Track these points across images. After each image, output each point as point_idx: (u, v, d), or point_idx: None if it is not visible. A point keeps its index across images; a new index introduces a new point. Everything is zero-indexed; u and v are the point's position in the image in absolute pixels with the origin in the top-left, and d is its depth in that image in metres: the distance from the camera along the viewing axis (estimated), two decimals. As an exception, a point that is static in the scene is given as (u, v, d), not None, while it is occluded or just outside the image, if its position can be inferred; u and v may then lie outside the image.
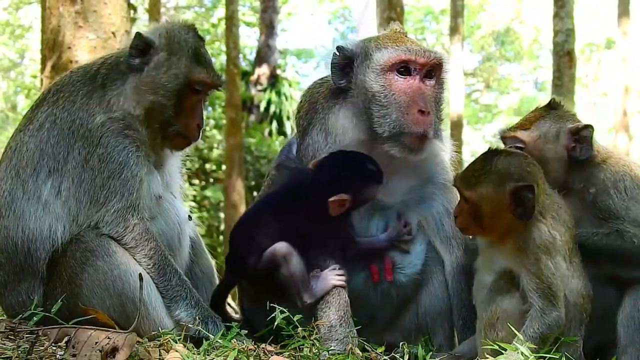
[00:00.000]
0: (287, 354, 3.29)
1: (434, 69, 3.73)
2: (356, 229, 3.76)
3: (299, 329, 3.35)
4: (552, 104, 3.86)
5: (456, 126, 16.28)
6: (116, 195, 3.46)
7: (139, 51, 3.63)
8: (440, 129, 3.91)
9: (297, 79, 25.03)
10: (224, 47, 19.04)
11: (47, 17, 7.28)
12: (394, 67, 3.65)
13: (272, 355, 3.28)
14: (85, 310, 3.17)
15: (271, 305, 3.35)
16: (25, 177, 3.53)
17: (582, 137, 3.71)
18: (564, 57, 12.38)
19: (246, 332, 3.45)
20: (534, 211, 3.28)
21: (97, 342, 2.91)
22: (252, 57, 24.94)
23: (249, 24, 27.04)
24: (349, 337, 3.47)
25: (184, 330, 3.38)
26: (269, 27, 23.30)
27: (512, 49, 33.25)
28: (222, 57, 19.62)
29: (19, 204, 3.51)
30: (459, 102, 16.93)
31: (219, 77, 3.76)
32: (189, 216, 3.91)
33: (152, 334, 3.37)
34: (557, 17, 12.48)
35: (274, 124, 22.35)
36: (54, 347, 3.08)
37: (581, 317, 3.37)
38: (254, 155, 19.77)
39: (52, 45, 7.20)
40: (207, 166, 19.93)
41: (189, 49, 3.67)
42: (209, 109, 19.88)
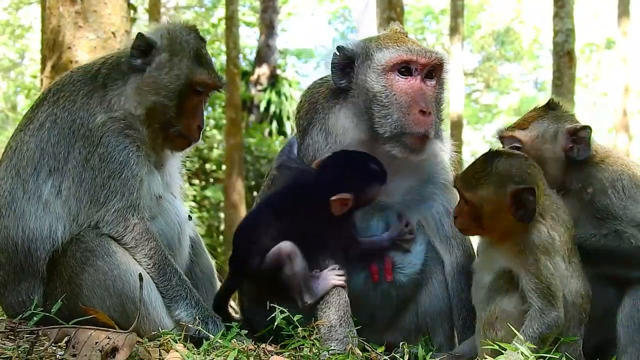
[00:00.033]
0: (287, 354, 3.29)
1: (435, 69, 3.73)
2: (357, 229, 3.75)
3: (299, 329, 3.35)
4: (551, 104, 3.86)
5: (456, 126, 16.29)
6: (116, 194, 3.46)
7: (141, 52, 3.63)
8: (440, 129, 3.91)
9: (297, 79, 25.04)
10: (224, 47, 19.03)
11: (47, 17, 7.28)
12: (395, 67, 3.65)
13: (272, 355, 3.28)
14: (85, 310, 3.17)
15: (271, 305, 3.35)
16: (25, 177, 3.53)
17: (580, 138, 3.71)
18: (564, 57, 12.38)
19: (246, 332, 3.45)
20: (535, 213, 3.28)
21: (97, 342, 2.91)
22: (252, 57, 24.95)
23: (249, 24, 27.04)
24: (349, 337, 3.46)
25: (184, 330, 3.38)
26: (269, 27, 23.30)
27: (512, 49, 33.25)
28: (222, 57, 19.61)
29: (19, 203, 3.50)
30: (459, 102, 16.94)
31: (220, 79, 3.77)
32: (189, 216, 3.91)
33: (152, 334, 3.36)
34: (557, 17, 12.48)
35: (274, 124, 22.35)
36: (54, 347, 3.08)
37: (580, 317, 3.37)
38: (254, 155, 19.77)
39: (52, 45, 7.21)
40: (207, 166, 19.93)
41: (191, 50, 3.67)
42: (209, 109, 19.88)
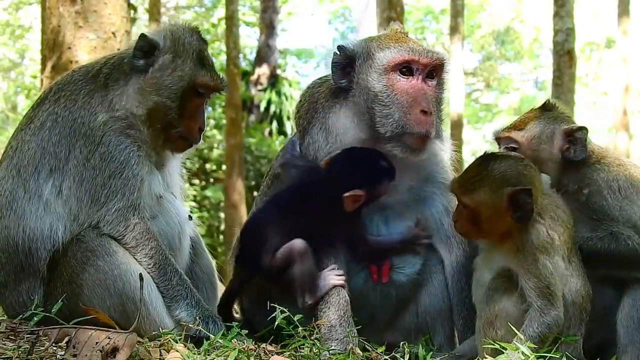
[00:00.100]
0: (288, 353, 3.29)
1: (436, 69, 3.73)
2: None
3: (300, 328, 3.35)
4: (547, 106, 3.86)
5: (456, 126, 16.29)
6: (117, 194, 3.45)
7: (143, 52, 3.63)
8: (440, 129, 3.92)
9: (297, 79, 25.06)
10: (224, 47, 19.06)
11: (47, 17, 7.28)
12: (396, 67, 3.65)
13: (272, 355, 3.28)
14: (85, 310, 3.17)
15: (271, 305, 3.35)
16: (26, 176, 3.53)
17: (576, 139, 3.70)
18: (564, 57, 12.38)
19: (247, 332, 3.45)
20: (532, 214, 3.29)
21: (97, 342, 2.90)
22: (252, 57, 24.96)
23: (249, 24, 27.05)
24: (349, 337, 3.46)
25: (185, 330, 3.38)
26: (269, 27, 23.30)
27: (512, 48, 33.24)
28: (222, 57, 19.64)
29: (19, 203, 3.50)
30: (459, 102, 16.94)
31: (222, 81, 3.78)
32: (190, 216, 3.91)
33: (153, 333, 3.37)
34: (557, 16, 12.49)
35: (274, 124, 22.37)
36: (55, 347, 3.08)
37: (581, 316, 3.37)
38: (254, 155, 19.78)
39: (52, 45, 7.21)
40: (208, 166, 19.94)
41: (194, 52, 3.68)
42: (209, 109, 19.89)
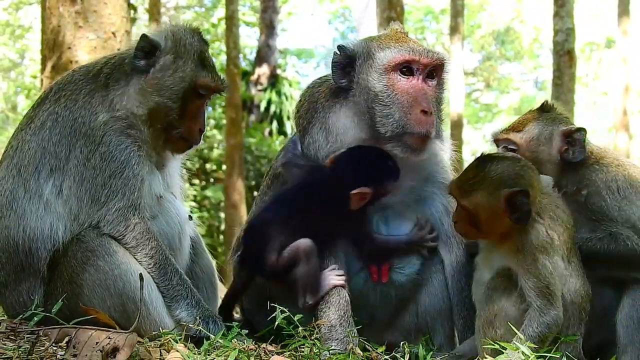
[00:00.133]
0: (288, 353, 3.29)
1: (436, 69, 3.73)
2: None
3: (300, 328, 3.35)
4: (545, 107, 3.86)
5: (456, 126, 16.29)
6: (117, 194, 3.46)
7: (145, 53, 3.63)
8: (441, 129, 3.92)
9: (298, 79, 25.06)
10: (224, 47, 19.06)
11: (47, 17, 7.28)
12: (397, 67, 3.65)
13: (272, 355, 3.28)
14: (85, 310, 3.17)
15: (272, 305, 3.35)
16: (26, 176, 3.53)
17: (575, 140, 3.70)
18: (564, 57, 12.39)
19: (247, 332, 3.45)
20: (531, 215, 3.29)
21: (97, 342, 2.90)
22: (252, 57, 24.96)
23: (249, 24, 27.05)
24: (350, 337, 3.46)
25: (185, 330, 3.38)
26: (269, 27, 23.31)
27: (512, 48, 33.23)
28: (222, 57, 19.64)
29: (20, 203, 3.50)
30: (459, 102, 16.94)
31: (223, 82, 3.78)
32: (190, 216, 3.91)
33: (153, 333, 3.37)
34: (557, 16, 12.49)
35: (274, 124, 22.37)
36: (55, 347, 3.08)
37: (580, 315, 3.37)
38: (254, 155, 19.78)
39: (52, 45, 7.21)
40: (208, 166, 19.95)
41: (195, 53, 3.68)
42: (209, 109, 19.89)
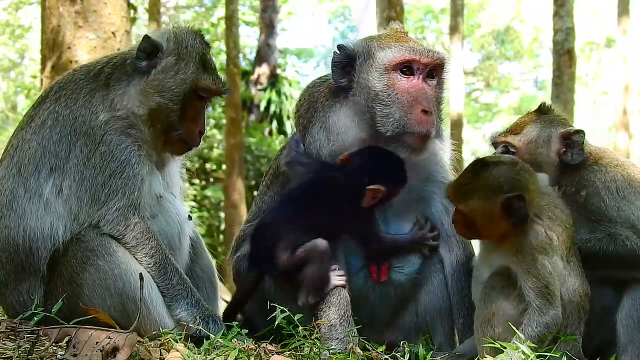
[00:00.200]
0: (288, 353, 3.29)
1: (437, 69, 3.73)
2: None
3: (300, 328, 3.35)
4: (543, 109, 3.86)
5: (456, 125, 16.28)
6: (118, 194, 3.46)
7: (147, 54, 3.63)
8: (441, 128, 3.92)
9: (298, 79, 25.04)
10: (224, 47, 19.05)
11: (47, 17, 7.29)
12: (398, 66, 3.65)
13: (273, 354, 3.28)
14: (86, 310, 3.17)
15: (272, 305, 3.35)
16: (27, 175, 3.52)
17: (573, 142, 3.70)
18: (564, 56, 12.39)
19: (247, 331, 3.45)
20: (528, 218, 3.29)
21: (98, 342, 2.91)
22: (252, 56, 24.95)
23: (249, 24, 27.04)
24: (350, 337, 3.47)
25: (185, 329, 3.38)
26: (269, 27, 23.30)
27: (513, 48, 33.22)
28: (222, 57, 19.63)
29: (20, 202, 3.50)
30: (459, 101, 16.93)
31: (224, 85, 3.79)
32: (189, 216, 3.91)
33: (153, 333, 3.37)
34: (557, 16, 12.49)
35: (275, 124, 22.36)
36: (55, 348, 3.08)
37: (579, 315, 3.37)
38: (254, 155, 19.79)
39: (52, 45, 7.21)
40: (208, 166, 19.95)
41: (197, 55, 3.68)
42: (209, 109, 19.86)
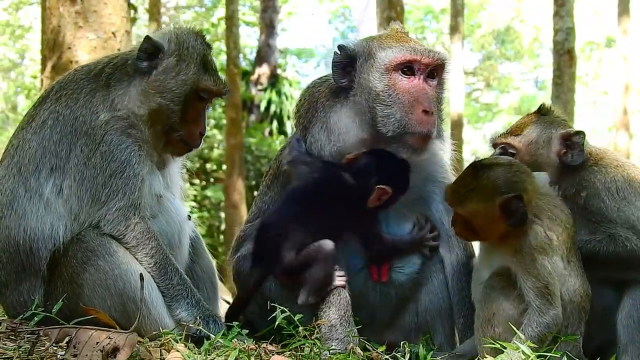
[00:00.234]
0: (288, 353, 3.30)
1: (437, 69, 3.73)
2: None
3: (300, 328, 3.35)
4: (542, 110, 3.86)
5: (456, 125, 16.29)
6: (118, 193, 3.46)
7: (148, 54, 3.63)
8: (441, 128, 3.92)
9: (298, 79, 25.03)
10: (224, 47, 19.05)
11: (47, 17, 7.29)
12: (398, 66, 3.65)
13: (273, 354, 3.28)
14: (86, 310, 3.17)
15: (272, 305, 3.35)
16: (27, 175, 3.52)
17: (573, 143, 3.70)
18: (564, 56, 12.38)
19: (247, 331, 3.45)
20: (527, 218, 3.29)
21: (98, 342, 2.91)
22: (252, 56, 24.94)
23: (249, 24, 27.04)
24: (350, 337, 3.47)
25: (185, 329, 3.38)
26: (269, 27, 23.30)
27: (513, 47, 33.22)
28: (222, 57, 19.62)
29: (20, 202, 3.50)
30: (459, 101, 16.94)
31: (225, 86, 3.79)
32: (189, 216, 3.91)
33: (153, 333, 3.37)
34: (557, 15, 12.49)
35: (275, 124, 22.36)
36: (55, 347, 3.08)
37: (579, 315, 3.37)
38: (254, 155, 19.79)
39: (52, 45, 7.22)
40: (208, 166, 19.95)
41: (198, 56, 3.68)
42: (209, 109, 19.86)
